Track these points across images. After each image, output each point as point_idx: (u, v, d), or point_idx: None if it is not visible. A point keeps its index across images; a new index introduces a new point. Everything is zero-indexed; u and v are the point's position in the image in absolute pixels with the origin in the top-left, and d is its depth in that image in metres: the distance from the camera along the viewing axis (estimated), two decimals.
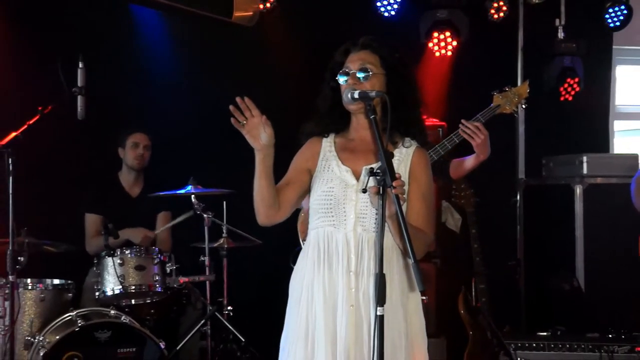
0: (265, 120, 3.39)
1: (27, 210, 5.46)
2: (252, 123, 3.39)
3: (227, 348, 6.08)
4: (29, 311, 5.72)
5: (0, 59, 6.51)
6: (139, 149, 6.30)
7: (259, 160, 3.44)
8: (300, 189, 3.65)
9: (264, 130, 3.38)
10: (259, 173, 3.47)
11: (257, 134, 3.38)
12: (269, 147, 3.41)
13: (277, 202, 3.57)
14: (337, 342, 3.47)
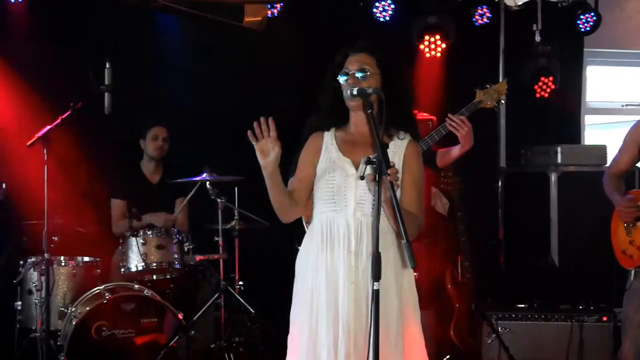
0: (276, 140, 3.43)
1: (60, 195, 5.47)
2: (263, 143, 3.43)
3: (238, 319, 6.10)
4: (62, 285, 5.78)
5: (36, 61, 6.53)
6: (158, 140, 6.32)
7: (267, 176, 3.50)
8: (310, 184, 3.69)
9: (273, 150, 3.43)
10: (270, 187, 3.53)
11: (267, 152, 3.43)
12: (274, 165, 3.46)
13: (293, 204, 3.64)
14: (339, 315, 3.51)
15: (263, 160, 3.45)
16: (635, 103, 8.89)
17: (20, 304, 5.82)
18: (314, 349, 3.54)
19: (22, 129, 5.54)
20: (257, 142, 3.43)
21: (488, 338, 5.78)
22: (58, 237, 5.65)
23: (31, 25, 6.62)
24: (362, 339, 3.42)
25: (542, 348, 5.80)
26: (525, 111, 7.76)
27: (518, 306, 6.03)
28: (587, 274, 6.54)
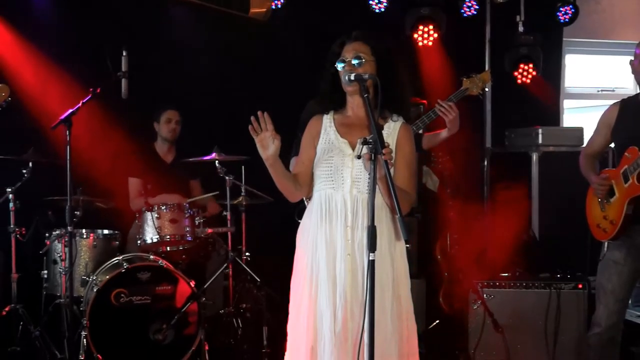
0: (274, 134, 3.43)
1: (82, 173, 5.46)
2: (264, 135, 3.43)
3: (245, 287, 6.13)
4: (84, 256, 5.80)
5: (58, 49, 6.50)
6: (171, 123, 6.31)
7: (269, 167, 3.52)
8: (312, 164, 3.70)
9: (273, 143, 3.43)
10: (273, 175, 3.57)
11: (267, 145, 3.43)
12: (274, 157, 3.47)
13: (298, 186, 3.67)
14: (336, 284, 3.53)
15: (264, 153, 3.46)
16: (609, 88, 8.94)
17: (46, 272, 5.86)
18: (313, 316, 3.56)
19: (47, 113, 5.50)
20: (257, 136, 3.43)
21: (474, 304, 5.77)
22: (80, 212, 5.65)
23: (55, 16, 6.60)
24: (358, 306, 3.45)
25: (523, 313, 5.78)
26: (510, 96, 7.77)
27: (502, 275, 6.01)
28: (564, 245, 6.53)
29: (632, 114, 4.59)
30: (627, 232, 4.50)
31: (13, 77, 4.83)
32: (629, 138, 4.50)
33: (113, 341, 5.32)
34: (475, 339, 5.75)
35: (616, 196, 4.55)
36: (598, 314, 4.64)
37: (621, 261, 4.55)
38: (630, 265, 4.55)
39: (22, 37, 6.52)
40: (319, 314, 3.54)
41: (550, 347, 5.72)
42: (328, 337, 3.49)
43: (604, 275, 4.61)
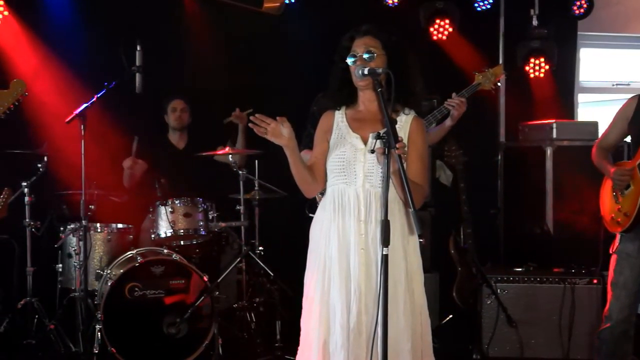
0: (281, 120, 3.44)
1: (96, 167, 5.46)
2: (270, 129, 3.44)
3: (258, 281, 6.13)
4: (98, 249, 5.82)
5: (74, 45, 6.52)
6: (177, 112, 6.35)
7: (289, 154, 3.52)
8: (325, 158, 3.69)
9: (284, 128, 3.44)
10: (293, 162, 3.55)
11: (279, 134, 3.44)
12: (291, 140, 3.47)
13: (314, 178, 3.66)
14: (350, 278, 3.52)
15: (281, 141, 3.46)
16: (624, 83, 8.83)
17: (61, 266, 5.89)
18: (327, 310, 3.55)
19: (61, 108, 5.51)
20: (266, 133, 3.44)
21: (487, 299, 5.76)
22: (94, 206, 5.67)
23: (71, 14, 6.60)
24: (372, 300, 3.43)
25: (537, 308, 5.77)
26: (524, 90, 7.70)
27: (515, 270, 6.00)
28: (578, 240, 6.48)
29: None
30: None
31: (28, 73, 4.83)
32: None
33: (127, 334, 5.33)
34: (489, 334, 5.74)
35: (631, 188, 4.50)
36: (610, 307, 4.58)
37: (634, 254, 4.50)
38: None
39: (37, 33, 6.53)
40: (332, 308, 3.53)
41: (565, 342, 5.71)
42: (339, 332, 3.48)
43: (617, 268, 4.56)
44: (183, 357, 5.40)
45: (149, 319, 5.41)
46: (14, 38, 6.41)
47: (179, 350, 5.41)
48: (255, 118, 3.44)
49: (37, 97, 5.61)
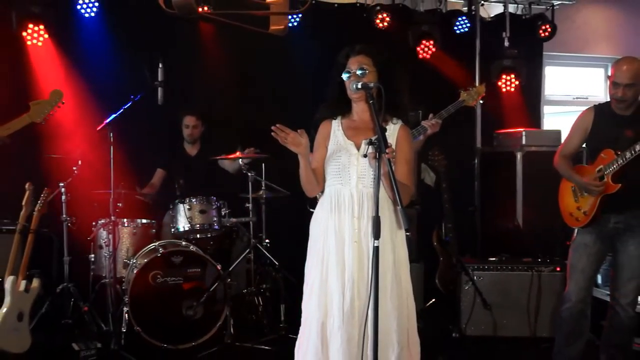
0: (301, 132, 3.49)
1: (123, 169, 5.43)
2: (290, 139, 3.47)
3: (265, 270, 6.10)
4: (125, 241, 5.84)
5: (103, 62, 6.49)
6: (189, 128, 6.30)
7: (302, 159, 3.54)
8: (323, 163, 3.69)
9: (303, 138, 3.48)
10: (304, 166, 3.57)
11: (298, 142, 3.47)
12: (306, 148, 3.51)
13: (319, 181, 3.66)
14: (345, 268, 3.50)
15: (298, 149, 3.49)
16: (584, 96, 8.93)
17: (93, 256, 5.87)
18: (324, 296, 3.54)
19: (93, 117, 5.49)
20: (286, 142, 3.47)
21: (466, 285, 5.74)
22: (121, 204, 5.64)
23: (102, 36, 6.57)
24: (364, 287, 3.42)
25: (509, 292, 5.76)
26: (497, 102, 7.69)
27: (490, 259, 5.98)
28: (544, 233, 6.48)
29: (605, 120, 4.53)
30: (597, 220, 4.48)
31: (66, 85, 4.81)
32: (603, 141, 4.45)
33: (150, 316, 5.32)
34: (467, 315, 5.72)
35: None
36: (569, 290, 4.61)
37: (590, 244, 4.54)
38: (599, 247, 4.55)
39: (72, 52, 6.51)
40: (329, 294, 3.52)
41: (532, 322, 5.70)
42: (337, 314, 3.47)
43: (575, 256, 4.60)
44: (199, 336, 5.38)
45: (170, 302, 5.40)
46: (52, 57, 6.38)
47: (195, 330, 5.39)
48: (277, 128, 3.46)
49: (72, 108, 5.57)
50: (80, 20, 6.45)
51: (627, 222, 4.46)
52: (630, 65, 4.33)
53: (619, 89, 4.36)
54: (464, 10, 7.76)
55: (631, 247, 4.46)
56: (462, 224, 6.50)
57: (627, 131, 4.38)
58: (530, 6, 7.87)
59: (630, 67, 4.32)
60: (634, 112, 4.45)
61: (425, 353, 3.74)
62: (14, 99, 5.92)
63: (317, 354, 3.50)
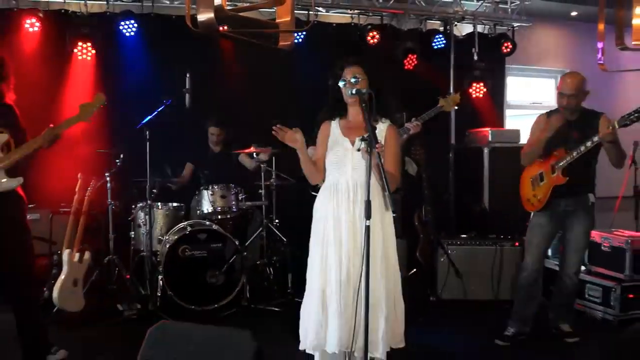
0: (296, 130, 3.50)
1: (157, 161, 5.39)
2: (287, 137, 3.50)
3: (275, 245, 6.07)
4: (159, 221, 5.81)
5: (140, 72, 6.46)
6: (213, 136, 6.24)
7: (300, 153, 3.54)
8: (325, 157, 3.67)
9: (298, 135, 3.49)
10: (303, 159, 3.57)
11: (294, 139, 3.49)
12: (302, 143, 3.50)
13: (318, 171, 3.65)
14: (342, 244, 3.49)
15: (295, 144, 3.50)
16: (539, 102, 8.96)
17: (133, 233, 5.86)
18: (324, 268, 3.52)
19: (132, 118, 5.44)
20: (285, 139, 3.49)
21: (441, 257, 5.74)
22: (156, 189, 5.61)
23: (139, 49, 6.55)
24: (358, 260, 3.39)
25: (477, 263, 5.76)
26: (469, 106, 7.63)
27: (462, 236, 6.00)
28: (506, 215, 6.46)
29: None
30: (550, 205, 4.52)
31: (109, 89, 4.79)
32: (555, 141, 4.44)
33: (181, 283, 5.30)
34: (442, 283, 5.72)
35: (545, 181, 4.54)
36: (526, 261, 4.67)
37: (544, 224, 4.58)
38: (551, 226, 4.59)
39: (115, 64, 6.50)
40: (328, 267, 3.51)
41: (495, 287, 5.71)
42: (334, 283, 3.47)
43: (531, 234, 4.64)
44: (221, 299, 5.36)
45: (196, 271, 5.38)
46: (97, 69, 6.36)
47: (218, 295, 5.37)
48: (277, 128, 3.48)
49: (116, 110, 5.51)
50: (122, 38, 6.44)
51: (574, 205, 4.51)
52: (573, 79, 4.37)
53: (564, 98, 4.40)
54: (441, 30, 7.72)
55: (576, 226, 4.53)
56: (439, 207, 6.46)
57: (574, 133, 4.40)
58: (495, 27, 7.86)
59: (573, 80, 4.36)
60: (578, 117, 4.45)
61: (407, 314, 3.73)
62: (67, 103, 5.89)
63: (318, 315, 3.50)
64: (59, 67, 6.33)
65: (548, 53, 8.77)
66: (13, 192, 3.97)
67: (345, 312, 3.41)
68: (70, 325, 4.88)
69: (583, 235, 4.56)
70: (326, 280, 3.50)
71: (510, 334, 4.67)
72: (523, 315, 4.67)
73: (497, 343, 4.64)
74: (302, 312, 3.66)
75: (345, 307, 3.42)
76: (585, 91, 4.40)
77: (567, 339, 4.65)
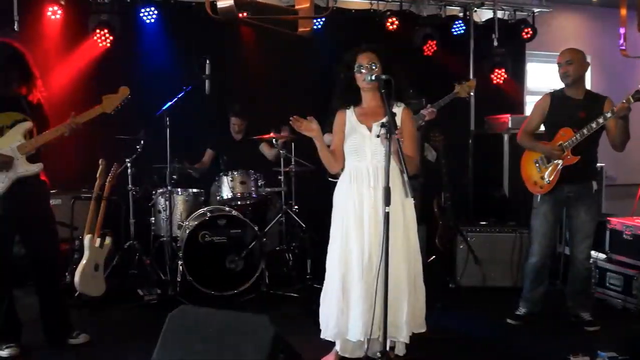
0: (310, 119, 3.50)
1: (177, 147, 5.39)
2: (303, 126, 3.48)
3: (294, 231, 6.07)
4: (179, 207, 5.82)
5: (160, 58, 6.46)
6: (235, 127, 6.23)
7: (316, 141, 3.54)
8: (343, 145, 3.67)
9: (314, 124, 3.49)
10: (320, 147, 3.57)
11: (310, 128, 3.49)
12: (318, 132, 3.50)
13: (336, 159, 3.65)
14: (364, 230, 3.50)
15: (311, 133, 3.50)
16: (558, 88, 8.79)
17: (153, 219, 5.87)
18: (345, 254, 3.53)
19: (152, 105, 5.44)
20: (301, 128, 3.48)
21: (460, 244, 5.70)
22: (176, 175, 5.62)
23: (159, 36, 6.54)
24: (378, 245, 3.37)
25: (496, 251, 5.72)
26: (489, 92, 7.56)
27: (481, 223, 5.95)
28: (526, 201, 6.36)
29: (561, 103, 4.61)
30: (554, 189, 4.54)
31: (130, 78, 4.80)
32: (561, 120, 4.52)
33: (200, 268, 5.30)
34: (461, 269, 5.68)
35: (553, 162, 4.54)
36: (533, 248, 4.71)
37: (548, 213, 4.62)
38: (555, 214, 4.64)
39: (136, 50, 6.50)
40: (349, 252, 3.52)
41: (514, 274, 5.66)
42: (356, 269, 3.47)
43: (537, 222, 4.67)
44: (240, 285, 5.35)
45: (216, 257, 5.38)
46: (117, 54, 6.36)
47: (237, 280, 5.37)
48: (293, 118, 3.48)
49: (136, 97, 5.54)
50: (142, 25, 6.43)
51: (578, 192, 4.54)
52: (567, 50, 4.62)
53: (562, 68, 4.54)
54: (460, 16, 7.62)
55: (582, 213, 4.54)
56: (458, 194, 6.43)
57: (581, 112, 4.46)
58: (515, 12, 7.75)
59: (567, 50, 4.61)
60: (584, 96, 4.55)
61: (427, 300, 3.75)
62: (87, 90, 5.91)
63: (339, 301, 3.51)
64: (79, 54, 6.34)
65: (569, 39, 8.60)
66: (36, 177, 4.02)
67: (368, 299, 3.41)
68: (91, 310, 4.93)
69: (591, 222, 4.57)
70: (347, 267, 3.50)
71: (522, 313, 4.78)
72: (532, 298, 4.77)
73: (509, 322, 4.74)
74: (322, 300, 3.66)
75: (367, 292, 3.43)
76: (584, 63, 4.55)
77: (588, 328, 4.60)
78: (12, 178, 3.91)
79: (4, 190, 3.88)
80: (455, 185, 6.05)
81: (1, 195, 3.88)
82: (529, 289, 4.77)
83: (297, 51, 6.46)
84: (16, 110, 3.95)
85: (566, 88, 4.59)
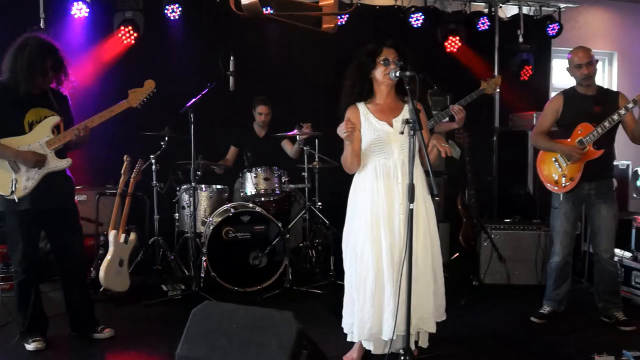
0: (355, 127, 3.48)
1: (201, 144, 5.40)
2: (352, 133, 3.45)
3: (317, 227, 6.05)
4: (203, 203, 5.84)
5: (185, 56, 6.51)
6: (262, 115, 6.24)
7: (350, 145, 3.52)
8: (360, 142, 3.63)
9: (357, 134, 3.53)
10: (351, 150, 3.53)
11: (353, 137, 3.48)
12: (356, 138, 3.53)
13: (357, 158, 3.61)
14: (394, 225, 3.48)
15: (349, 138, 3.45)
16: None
17: (178, 215, 5.91)
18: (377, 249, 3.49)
19: (177, 102, 5.46)
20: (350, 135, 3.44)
21: (484, 242, 5.64)
22: (200, 172, 5.64)
23: (184, 33, 6.59)
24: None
25: (520, 248, 5.66)
26: (514, 89, 7.50)
27: (505, 220, 5.87)
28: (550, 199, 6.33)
29: (574, 100, 4.57)
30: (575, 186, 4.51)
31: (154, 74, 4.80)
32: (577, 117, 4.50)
33: (224, 264, 5.32)
34: (485, 267, 5.61)
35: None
36: (555, 248, 4.68)
37: (569, 212, 4.59)
38: (575, 213, 4.62)
39: (161, 47, 6.54)
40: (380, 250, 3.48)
41: (539, 273, 5.59)
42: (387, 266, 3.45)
43: (558, 222, 4.63)
44: (263, 282, 5.37)
45: (240, 253, 5.39)
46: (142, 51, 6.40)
47: (260, 277, 5.38)
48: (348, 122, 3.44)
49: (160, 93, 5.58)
50: (167, 22, 6.46)
51: (598, 190, 4.50)
52: (584, 50, 4.53)
53: (583, 68, 4.47)
54: (485, 12, 7.57)
55: (604, 211, 4.50)
56: (482, 191, 6.39)
57: (596, 107, 4.45)
58: (541, 8, 7.69)
59: (585, 50, 4.52)
60: (596, 92, 4.54)
61: (450, 298, 3.72)
62: (112, 87, 5.95)
63: (374, 302, 3.47)
64: (105, 51, 6.40)
65: (595, 35, 8.52)
66: (62, 172, 4.06)
67: (397, 296, 3.39)
68: (115, 305, 4.97)
69: (612, 219, 4.52)
70: (378, 267, 3.47)
71: (546, 312, 4.74)
72: (556, 297, 4.74)
73: (533, 320, 4.69)
74: (349, 302, 3.62)
75: (396, 290, 3.40)
76: (595, 61, 4.53)
77: (623, 328, 4.50)
78: (43, 174, 3.95)
79: (34, 186, 3.92)
80: (480, 182, 6.02)
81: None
82: (552, 288, 4.75)
83: (321, 48, 6.44)
84: (45, 107, 3.99)
85: (578, 86, 4.57)
